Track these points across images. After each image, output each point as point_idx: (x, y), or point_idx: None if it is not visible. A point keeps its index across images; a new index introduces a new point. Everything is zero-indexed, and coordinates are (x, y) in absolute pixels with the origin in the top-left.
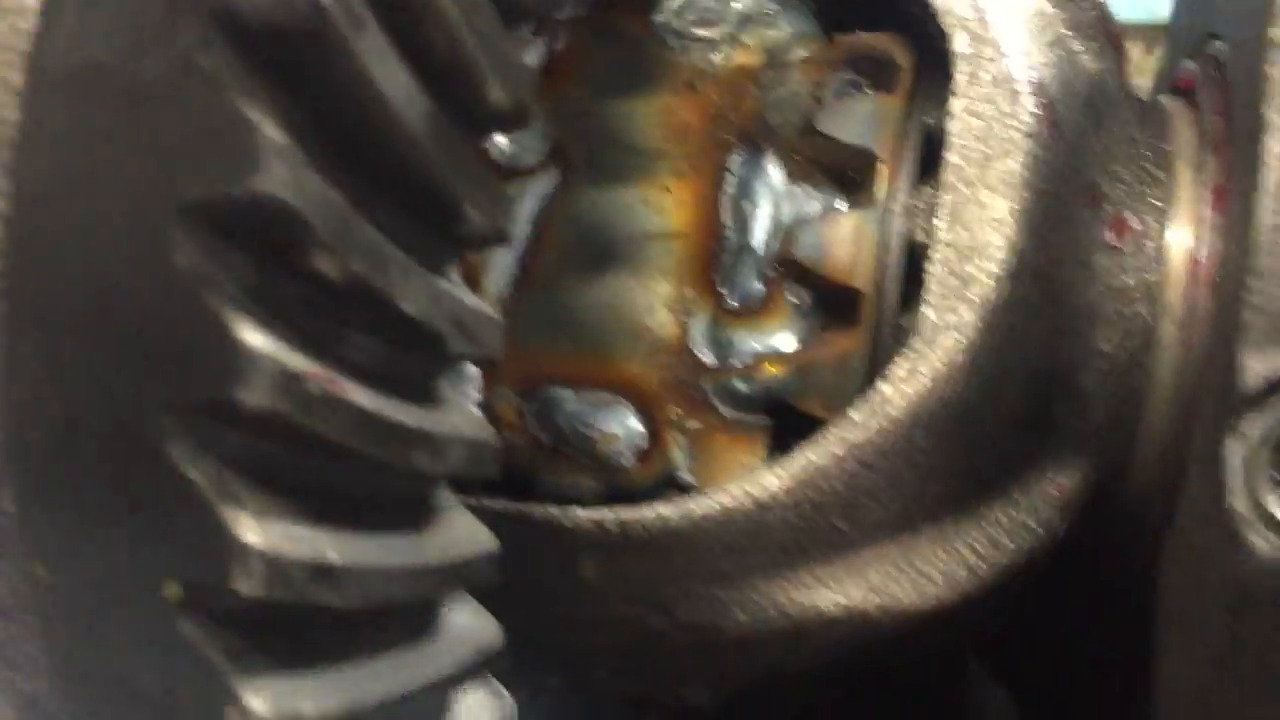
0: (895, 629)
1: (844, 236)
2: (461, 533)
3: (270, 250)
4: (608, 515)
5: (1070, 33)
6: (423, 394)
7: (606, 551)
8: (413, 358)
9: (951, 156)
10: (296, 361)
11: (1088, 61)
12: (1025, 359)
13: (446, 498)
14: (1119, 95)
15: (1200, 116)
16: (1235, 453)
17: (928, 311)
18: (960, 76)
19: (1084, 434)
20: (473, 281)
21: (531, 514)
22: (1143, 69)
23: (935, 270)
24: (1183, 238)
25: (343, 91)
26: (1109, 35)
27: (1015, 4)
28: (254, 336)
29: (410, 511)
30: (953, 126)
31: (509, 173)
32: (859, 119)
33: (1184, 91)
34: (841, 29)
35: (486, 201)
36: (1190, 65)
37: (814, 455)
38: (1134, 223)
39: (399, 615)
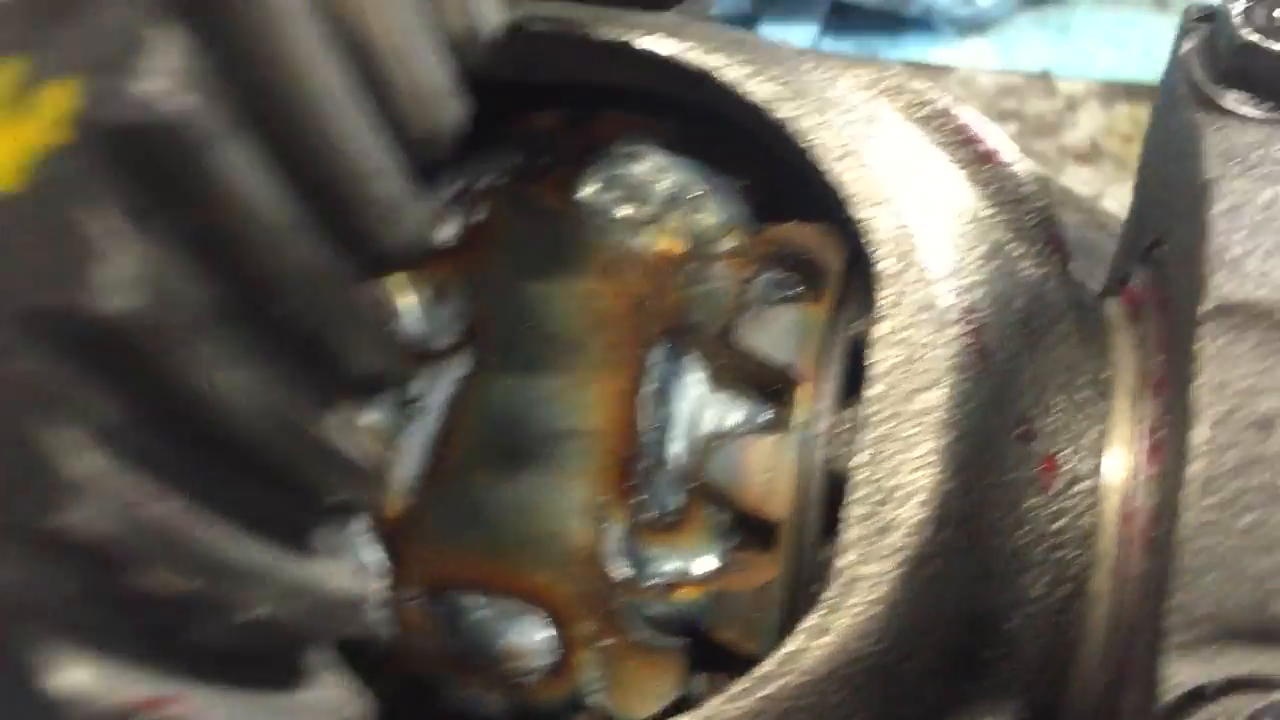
0: None
1: (761, 462)
2: (325, 698)
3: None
4: None
5: (1010, 237)
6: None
7: None
8: None
9: (872, 389)
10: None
11: (1028, 269)
12: (948, 607)
13: (324, 662)
14: (1061, 306)
15: (1144, 341)
16: None
17: (842, 561)
18: (884, 300)
19: (1015, 676)
20: (379, 472)
21: None
22: None
23: (853, 513)
24: (1117, 484)
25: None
26: (1052, 239)
27: (949, 210)
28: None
29: (273, 670)
30: (874, 355)
31: (421, 356)
32: (780, 331)
33: (1131, 305)
34: (776, 213)
35: (372, 346)
36: (1139, 274)
37: (723, 706)
38: (1067, 463)
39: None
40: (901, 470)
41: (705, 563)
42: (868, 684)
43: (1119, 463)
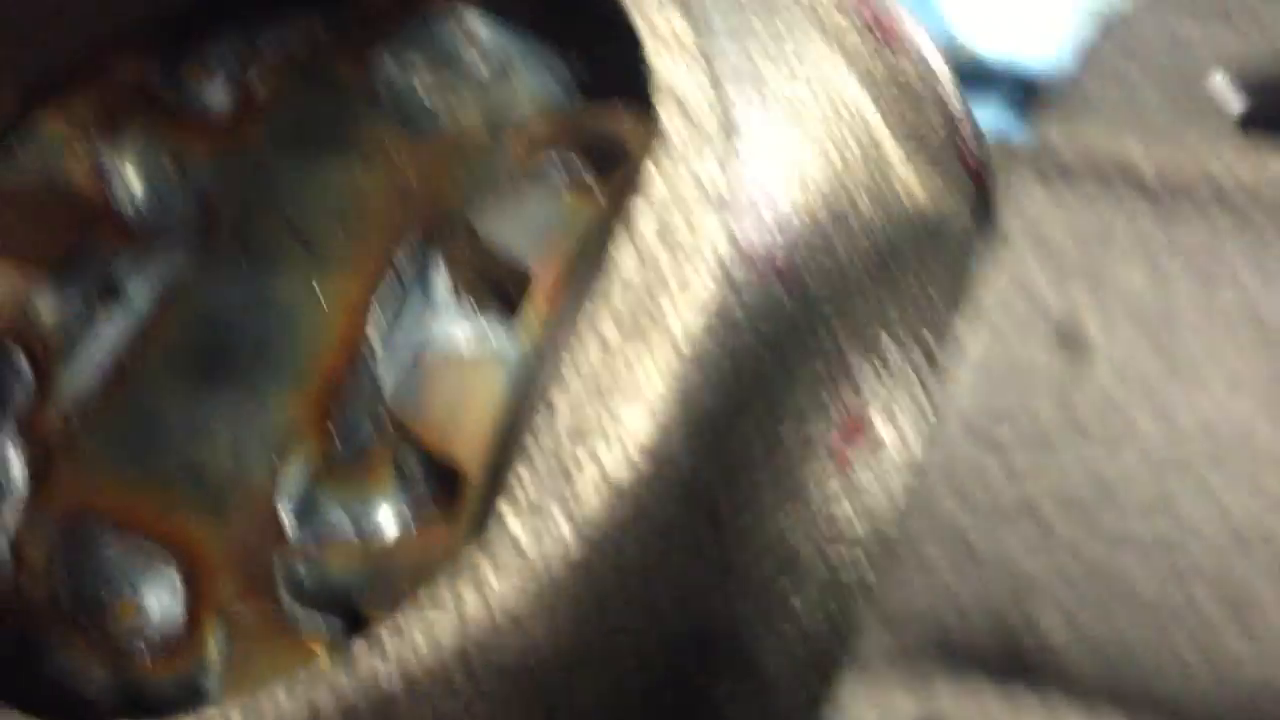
0: None
1: (449, 389)
2: None
3: None
4: None
5: (898, 147)
6: None
7: None
8: None
9: (605, 286)
10: None
11: (918, 194)
12: (656, 616)
13: None
14: (956, 250)
15: None
16: None
17: (506, 513)
18: (650, 172)
19: None
20: (44, 374)
21: None
22: None
23: (534, 453)
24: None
25: None
26: (964, 163)
27: (804, 96)
28: None
29: None
30: (620, 245)
31: (136, 236)
32: (524, 221)
33: None
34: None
35: None
36: None
37: (283, 699)
38: (881, 429)
39: None
40: (613, 396)
41: (383, 517)
42: (510, 710)
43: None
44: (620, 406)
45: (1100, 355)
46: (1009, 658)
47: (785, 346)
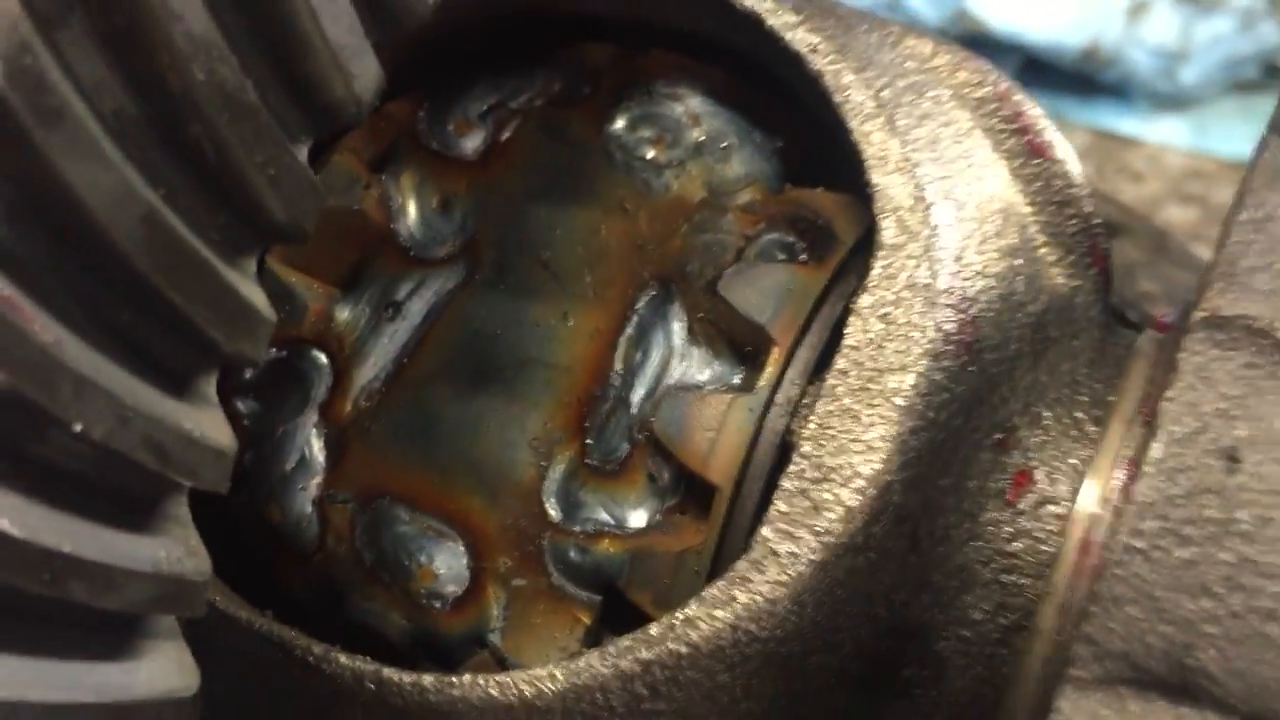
0: None
1: (708, 419)
2: (157, 669)
3: None
4: (367, 669)
5: (1043, 239)
6: (113, 513)
7: (360, 709)
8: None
9: (841, 359)
10: None
11: (1056, 276)
12: (871, 611)
13: (161, 625)
14: (1084, 322)
15: (1159, 372)
16: None
17: (766, 531)
18: (876, 270)
19: (937, 703)
20: (341, 370)
21: (291, 645)
22: None
23: (787, 485)
24: (1085, 514)
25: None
26: (1093, 250)
27: (978, 195)
28: None
29: (102, 635)
30: (852, 325)
31: (413, 261)
32: (764, 289)
33: (1161, 334)
34: (809, 179)
35: (235, 329)
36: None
37: (599, 665)
38: (1043, 482)
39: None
40: (848, 450)
41: (637, 517)
42: (761, 673)
43: (1094, 492)
44: (853, 455)
45: (1250, 470)
46: (1182, 687)
47: (971, 409)
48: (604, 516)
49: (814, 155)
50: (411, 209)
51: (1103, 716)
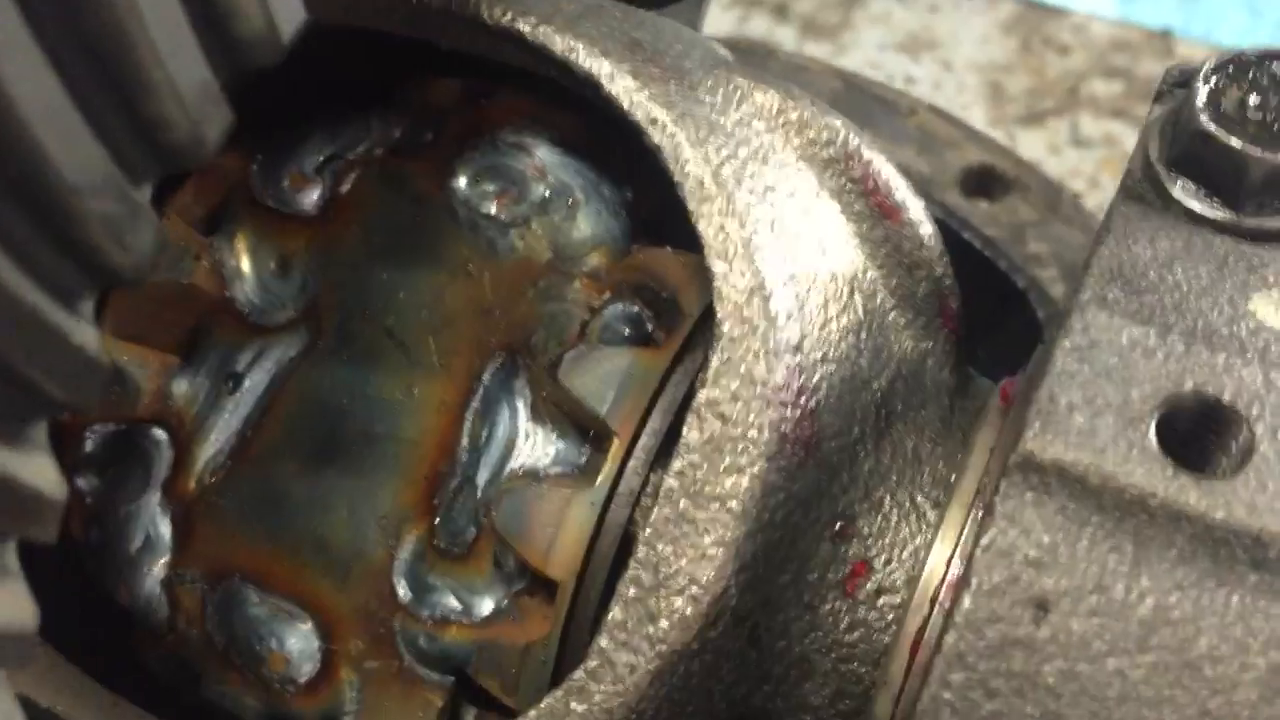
0: None
1: (548, 516)
2: None
3: None
4: None
5: (891, 304)
6: None
7: None
8: None
9: (678, 460)
10: None
11: (905, 342)
12: (712, 707)
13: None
14: (933, 389)
15: (1000, 448)
16: None
17: (603, 641)
18: (714, 364)
19: None
20: (183, 446)
21: None
22: None
23: (623, 593)
24: (920, 608)
25: None
26: (944, 311)
27: (821, 269)
28: None
29: None
30: (690, 424)
31: (252, 328)
32: (603, 376)
33: (1005, 404)
34: (659, 230)
35: (68, 378)
36: (1027, 366)
37: None
38: (880, 571)
39: None
40: (684, 556)
41: (483, 603)
42: None
43: (929, 586)
44: (689, 560)
45: (1057, 622)
46: None
47: (809, 504)
48: (452, 601)
49: (665, 198)
50: (247, 272)
51: None
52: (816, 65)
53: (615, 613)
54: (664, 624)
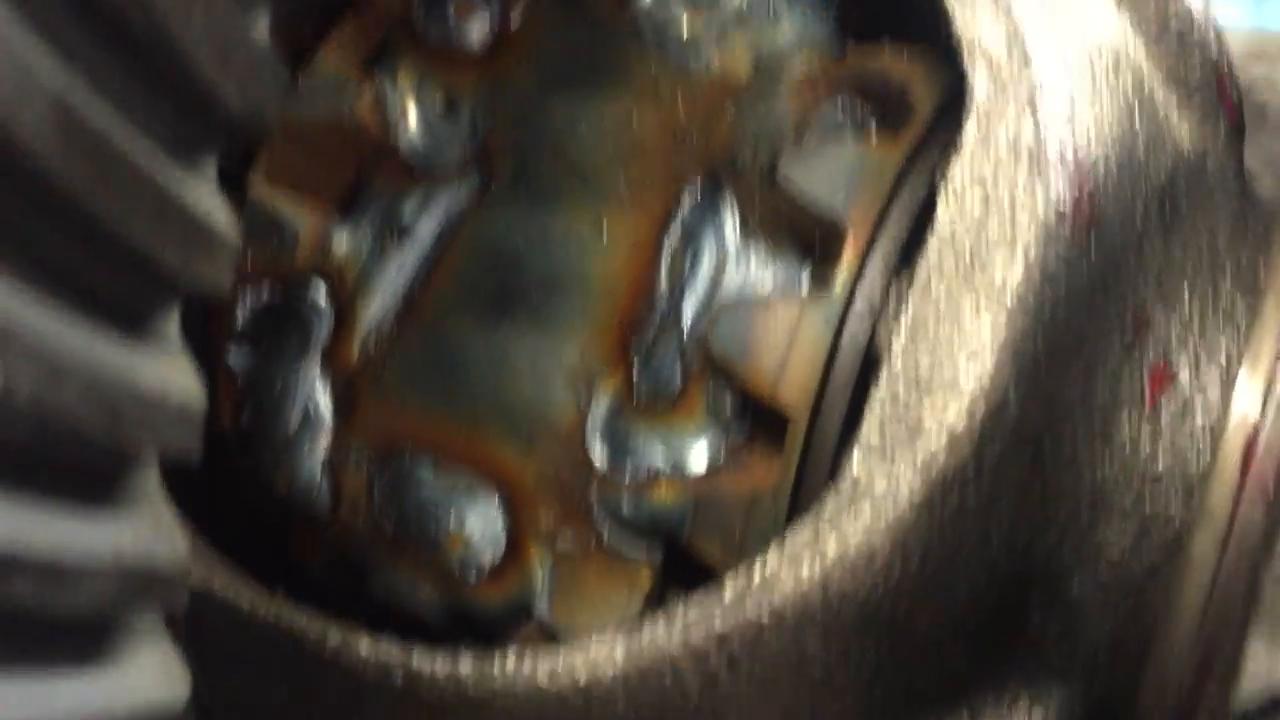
0: None
1: (776, 334)
2: (138, 677)
3: None
4: (394, 659)
5: (1166, 91)
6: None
7: (387, 706)
8: None
9: (932, 249)
10: None
11: (1184, 134)
12: (988, 552)
13: (142, 623)
14: (1218, 186)
15: None
16: None
17: (855, 466)
18: (969, 132)
19: (1073, 659)
20: (345, 307)
21: (303, 635)
22: None
23: (876, 408)
24: (1248, 422)
25: None
26: (1223, 103)
27: (1086, 39)
28: None
29: (67, 641)
30: (944, 203)
31: (418, 175)
32: (832, 172)
33: None
34: (870, 35)
35: (188, 250)
36: None
37: (665, 641)
38: (1185, 377)
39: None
40: (949, 359)
41: (697, 457)
42: (860, 635)
43: (1254, 395)
44: (957, 358)
45: None
46: None
47: (1095, 296)
48: (658, 459)
49: (877, 8)
50: (412, 114)
51: None
52: None
53: (868, 429)
54: (928, 440)
